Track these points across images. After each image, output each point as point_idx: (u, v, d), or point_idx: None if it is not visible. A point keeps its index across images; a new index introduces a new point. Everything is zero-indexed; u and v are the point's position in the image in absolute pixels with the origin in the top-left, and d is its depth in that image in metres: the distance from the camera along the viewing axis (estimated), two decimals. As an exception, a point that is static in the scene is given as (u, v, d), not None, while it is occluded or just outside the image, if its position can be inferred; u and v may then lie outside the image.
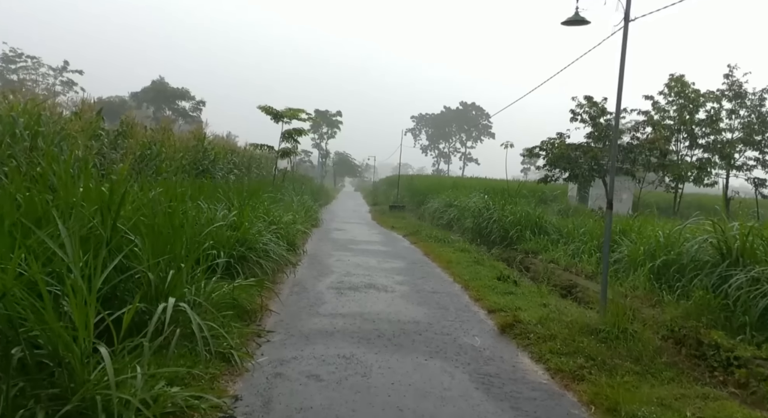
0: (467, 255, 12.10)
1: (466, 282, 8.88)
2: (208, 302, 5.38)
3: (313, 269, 9.51)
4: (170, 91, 64.73)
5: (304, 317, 6.32)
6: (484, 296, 7.76)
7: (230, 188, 10.07)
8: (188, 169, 12.08)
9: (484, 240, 14.83)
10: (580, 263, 10.78)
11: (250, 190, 12.09)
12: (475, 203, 16.78)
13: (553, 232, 13.45)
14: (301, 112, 19.40)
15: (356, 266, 10.25)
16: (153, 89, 64.62)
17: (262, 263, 7.56)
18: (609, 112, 16.46)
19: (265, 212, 10.66)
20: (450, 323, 6.46)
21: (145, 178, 7.95)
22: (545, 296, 8.18)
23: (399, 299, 7.60)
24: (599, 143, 17.00)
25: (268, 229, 9.34)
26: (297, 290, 7.73)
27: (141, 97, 63.30)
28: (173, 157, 11.67)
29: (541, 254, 12.17)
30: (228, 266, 7.02)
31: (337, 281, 8.58)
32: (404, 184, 34.66)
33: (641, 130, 16.46)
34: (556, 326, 5.84)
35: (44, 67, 57.39)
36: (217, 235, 7.26)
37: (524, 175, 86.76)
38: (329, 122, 79.90)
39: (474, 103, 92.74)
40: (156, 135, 13.22)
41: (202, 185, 9.06)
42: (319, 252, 11.75)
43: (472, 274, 9.67)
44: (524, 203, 15.82)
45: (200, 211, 7.80)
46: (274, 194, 16.27)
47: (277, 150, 19.92)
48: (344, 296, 7.59)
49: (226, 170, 15.41)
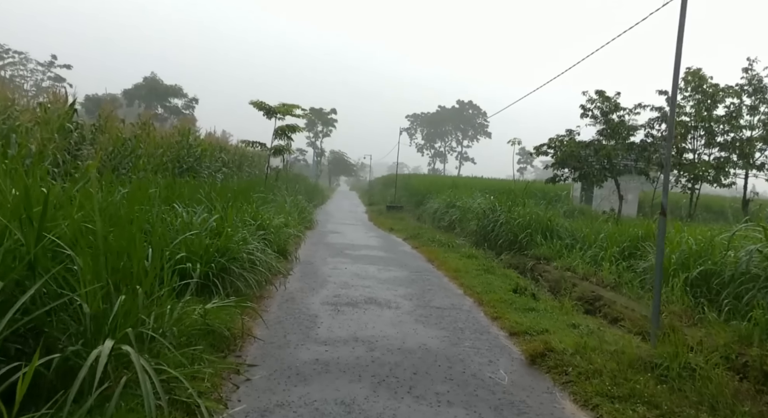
0: (475, 262, 11.09)
1: (479, 296, 7.85)
2: (173, 332, 4.35)
3: (306, 280, 8.46)
4: (162, 88, 63.54)
5: (295, 345, 5.28)
6: (502, 314, 6.74)
7: (213, 188, 9.01)
8: (170, 167, 11.02)
9: (491, 244, 13.81)
10: (601, 271, 9.79)
11: (238, 190, 11.04)
12: (479, 205, 15.75)
13: (566, 236, 12.43)
14: (295, 108, 18.34)
15: (354, 275, 9.21)
16: (145, 86, 63.42)
17: (247, 276, 6.52)
18: (623, 108, 15.48)
19: (253, 214, 9.61)
20: (468, 350, 5.43)
21: (111, 177, 6.90)
22: (571, 314, 7.18)
23: (405, 318, 6.57)
24: (610, 141, 16.03)
25: (255, 235, 8.30)
26: (287, 308, 6.69)
27: (133, 94, 62.06)
28: (153, 154, 10.61)
29: (555, 261, 11.17)
30: (206, 281, 5.98)
31: (333, 295, 7.55)
32: (401, 183, 33.62)
33: (656, 127, 15.48)
34: (598, 357, 4.82)
35: (32, 62, 56.08)
36: (194, 244, 6.22)
37: (521, 175, 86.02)
38: (324, 120, 78.83)
39: (471, 102, 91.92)
40: (135, 130, 12.18)
41: (179, 185, 8.00)
42: (313, 259, 10.70)
43: (483, 285, 8.65)
44: (532, 205, 14.82)
45: (176, 216, 6.75)
46: (266, 194, 15.24)
47: (270, 147, 18.87)
48: (342, 314, 6.55)
49: (214, 169, 14.35)
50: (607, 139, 15.99)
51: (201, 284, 5.80)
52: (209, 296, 5.92)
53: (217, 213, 7.46)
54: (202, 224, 6.77)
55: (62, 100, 9.95)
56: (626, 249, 10.42)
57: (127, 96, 60.58)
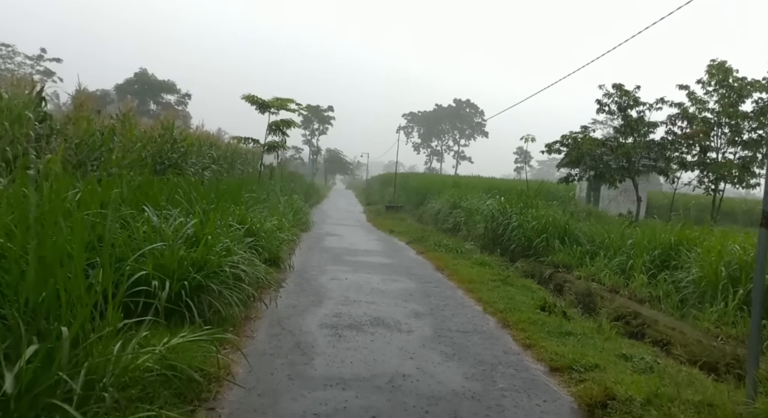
0: (489, 271, 9.99)
1: (503, 315, 6.74)
2: (122, 380, 3.24)
3: (301, 294, 7.32)
4: (155, 84, 62.19)
5: (285, 389, 4.15)
6: (535, 341, 5.63)
7: (195, 188, 7.85)
8: (149, 163, 9.86)
9: (501, 249, 12.71)
10: (631, 282, 8.72)
11: (227, 189, 9.91)
12: (488, 206, 14.63)
13: (585, 241, 11.34)
14: (290, 102, 17.21)
15: (356, 287, 8.09)
16: (137, 81, 62.04)
17: (229, 295, 5.38)
18: (642, 103, 14.41)
19: (241, 218, 8.47)
20: (504, 394, 4.32)
21: (67, 174, 5.76)
22: (614, 339, 6.09)
23: (420, 346, 5.44)
24: (627, 138, 14.97)
25: (242, 242, 7.17)
26: (277, 333, 5.55)
27: (124, 89, 60.59)
28: (130, 148, 9.45)
29: (576, 269, 10.09)
30: (177, 304, 4.85)
31: (333, 314, 6.42)
32: (400, 182, 32.48)
33: (678, 123, 14.40)
34: (680, 412, 3.71)
35: (20, 55, 54.59)
36: (165, 257, 5.09)
37: (518, 174, 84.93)
38: (321, 118, 77.60)
39: (468, 101, 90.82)
40: (114, 122, 11.03)
41: (154, 184, 6.85)
42: (308, 267, 9.57)
43: (505, 300, 7.55)
44: (545, 206, 13.73)
45: (144, 221, 5.61)
46: (258, 194, 14.10)
47: (263, 144, 17.73)
48: (343, 341, 5.42)
49: (202, 166, 13.18)
50: (623, 137, 14.93)
51: (170, 309, 4.68)
52: (181, 321, 4.80)
53: (196, 217, 6.32)
54: (176, 232, 5.63)
55: (29, 87, 8.81)
56: (657, 258, 9.35)
57: (119, 91, 59.16)
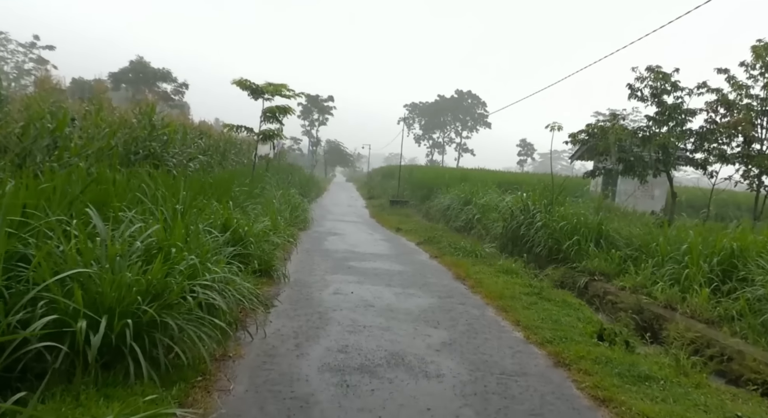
0: (518, 281, 8.53)
1: (553, 347, 5.28)
2: None
3: (296, 318, 5.85)
4: (150, 72, 60.44)
5: None
6: (610, 393, 4.19)
7: (164, 184, 6.35)
8: (118, 152, 8.40)
9: (524, 252, 11.25)
10: (691, 297, 7.27)
11: (213, 184, 8.46)
12: (507, 203, 13.15)
13: (622, 245, 9.88)
14: (283, 88, 15.69)
15: (365, 305, 6.63)
16: (132, 70, 60.30)
17: (194, 332, 3.93)
18: (681, 88, 12.90)
19: (225, 220, 7.01)
20: None
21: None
22: (705, 385, 4.65)
23: (457, 402, 4.00)
24: (662, 127, 13.46)
25: (223, 251, 5.71)
26: (261, 382, 4.09)
27: (119, 77, 58.82)
28: (95, 136, 7.98)
29: (616, 279, 8.66)
30: (118, 350, 3.41)
31: (338, 348, 4.96)
32: (404, 175, 30.93)
33: (721, 110, 12.88)
34: None
35: (12, 43, 52.86)
36: (104, 283, 3.64)
37: (521, 167, 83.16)
38: (321, 108, 75.86)
39: (470, 92, 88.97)
40: (84, 106, 9.61)
41: (105, 178, 5.36)
42: (307, 277, 8.11)
43: (548, 323, 6.10)
44: (573, 204, 12.27)
45: (79, 231, 4.16)
46: (251, 188, 12.65)
47: (257, 132, 16.23)
48: (353, 395, 3.97)
49: (187, 157, 11.69)
50: (657, 125, 13.42)
51: (107, 359, 3.23)
52: (124, 377, 3.36)
53: (160, 222, 4.85)
54: (125, 245, 4.17)
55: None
56: (716, 267, 7.92)
57: (114, 80, 57.40)
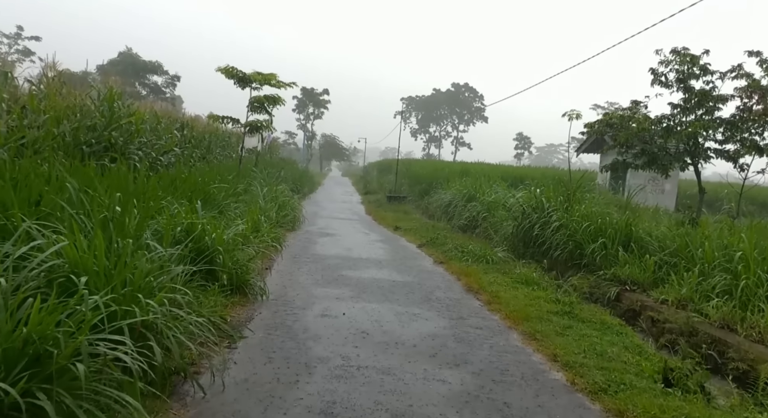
0: (542, 295, 7.21)
1: (611, 400, 3.95)
2: None
3: (271, 356, 4.50)
4: (140, 64, 58.74)
5: None
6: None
7: (98, 182, 4.98)
8: (66, 143, 7.03)
9: (539, 255, 9.94)
10: (751, 314, 5.98)
11: (186, 180, 7.11)
12: (518, 200, 11.83)
13: (656, 248, 8.56)
14: (272, 78, 14.35)
15: (359, 334, 5.29)
16: (121, 62, 58.56)
17: (92, 405, 2.60)
18: (712, 72, 11.59)
19: (188, 225, 5.66)
20: None
21: None
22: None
23: None
24: (689, 115, 12.17)
25: (171, 272, 4.36)
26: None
27: (108, 69, 57.06)
28: (30, 125, 6.60)
29: (654, 290, 7.36)
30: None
31: (321, 409, 3.62)
32: (401, 169, 29.56)
33: (754, 97, 11.58)
34: None
35: (-5, 34, 51.14)
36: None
37: (518, 161, 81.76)
38: (316, 102, 74.27)
39: (466, 84, 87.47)
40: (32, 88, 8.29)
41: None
42: (289, 292, 6.76)
43: (594, 360, 4.79)
44: (592, 201, 10.95)
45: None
46: (234, 185, 11.29)
47: (243, 123, 14.88)
48: None
49: (158, 150, 10.31)
50: (684, 114, 12.12)
51: None
52: None
53: (68, 238, 3.51)
54: (6, 273, 2.82)
55: None
56: None
57: (102, 72, 55.69)
